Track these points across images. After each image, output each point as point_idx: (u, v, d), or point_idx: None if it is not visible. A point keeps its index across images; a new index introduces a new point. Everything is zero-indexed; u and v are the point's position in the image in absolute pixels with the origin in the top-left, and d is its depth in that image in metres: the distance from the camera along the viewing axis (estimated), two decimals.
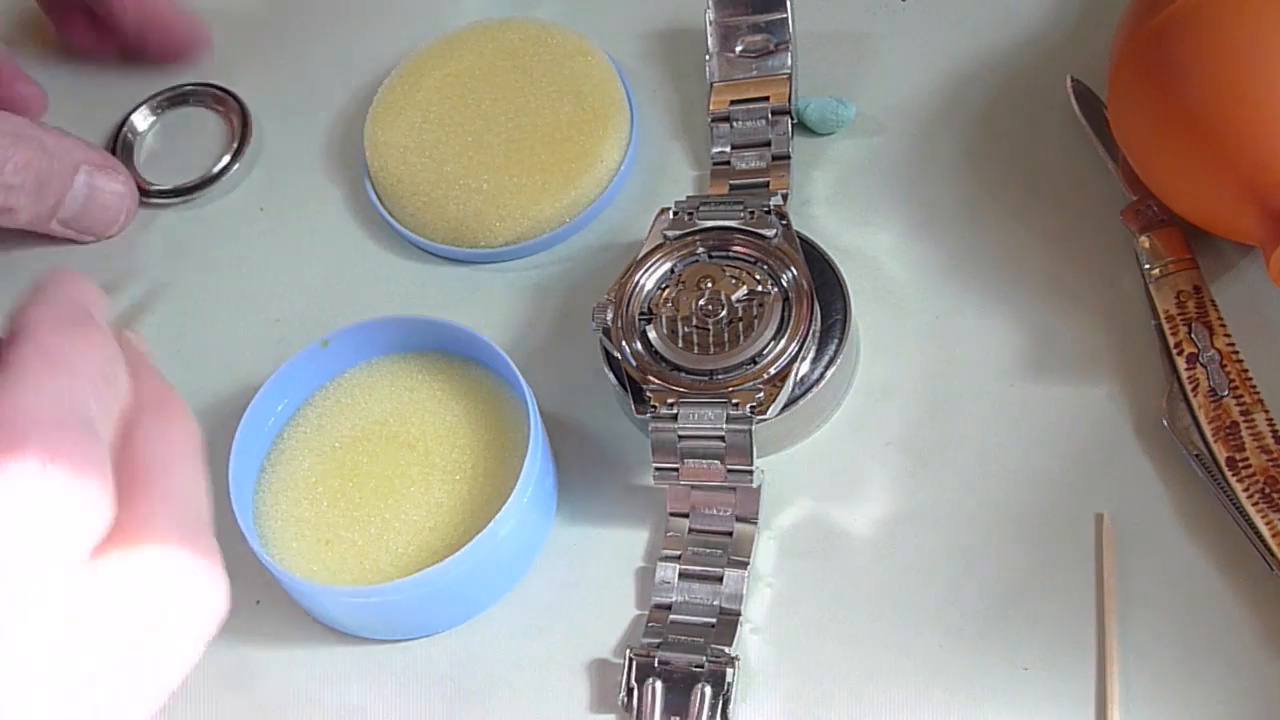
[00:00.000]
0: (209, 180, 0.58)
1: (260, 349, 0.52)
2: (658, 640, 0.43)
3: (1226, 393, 0.43)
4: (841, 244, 0.49)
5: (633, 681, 0.42)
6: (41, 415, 0.25)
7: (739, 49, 0.53)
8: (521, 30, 0.57)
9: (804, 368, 0.45)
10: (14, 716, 0.24)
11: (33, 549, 0.24)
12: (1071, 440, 0.45)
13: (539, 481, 0.45)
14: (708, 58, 0.53)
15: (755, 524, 0.45)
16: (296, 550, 0.45)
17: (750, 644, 0.44)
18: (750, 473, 0.43)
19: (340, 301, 0.54)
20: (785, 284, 0.45)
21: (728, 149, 0.52)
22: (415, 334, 0.49)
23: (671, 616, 0.44)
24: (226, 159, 0.58)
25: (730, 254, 0.47)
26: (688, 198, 0.49)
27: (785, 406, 0.44)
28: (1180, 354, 0.44)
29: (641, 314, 0.46)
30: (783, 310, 0.45)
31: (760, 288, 0.45)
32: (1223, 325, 0.44)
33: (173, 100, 0.59)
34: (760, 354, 0.44)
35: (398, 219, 0.54)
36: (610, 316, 0.46)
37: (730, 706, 0.42)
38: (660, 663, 0.42)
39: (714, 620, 0.43)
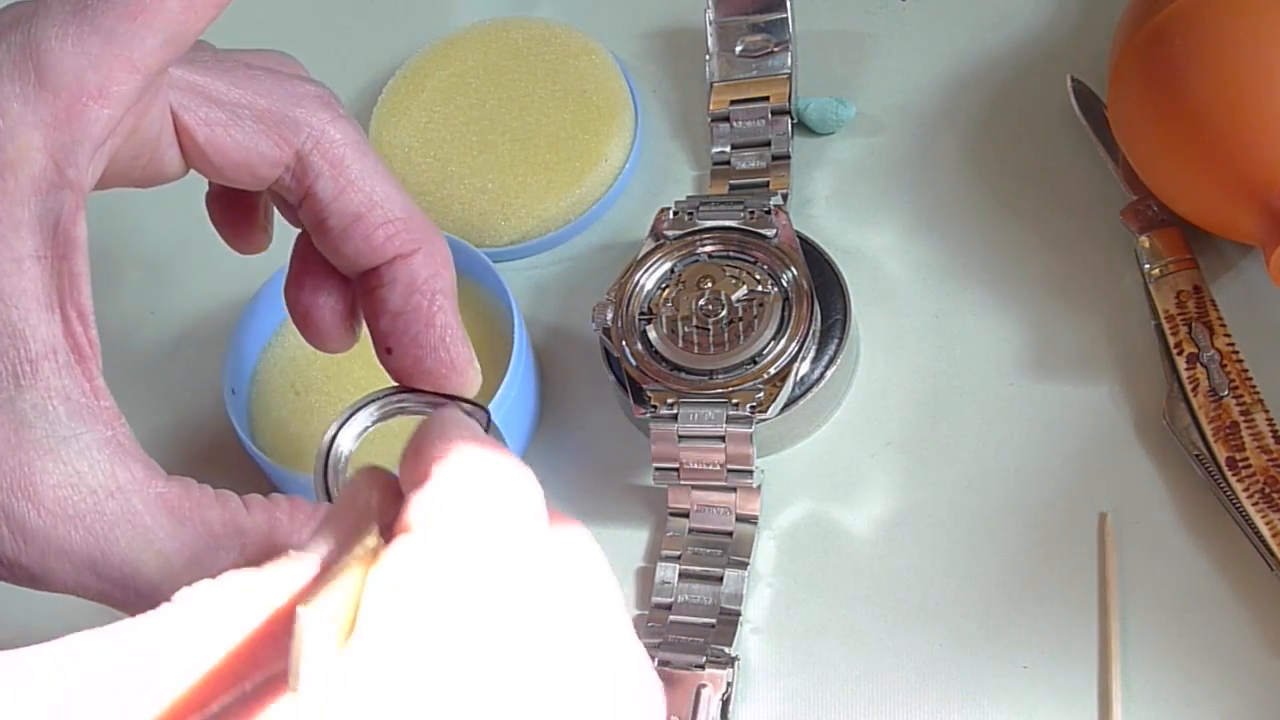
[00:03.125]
0: None
1: None
2: (658, 640, 0.43)
3: (1226, 393, 0.43)
4: (841, 244, 0.49)
5: None
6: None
7: (739, 49, 0.53)
8: (525, 30, 0.57)
9: (804, 368, 0.45)
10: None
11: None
12: (1071, 440, 0.45)
13: (522, 384, 0.47)
14: (708, 58, 0.53)
15: (755, 524, 0.45)
16: (289, 453, 0.48)
17: (750, 644, 0.44)
18: (750, 473, 0.43)
19: None
20: (785, 284, 0.45)
21: (728, 149, 0.52)
22: None
23: (671, 616, 0.44)
24: None
25: (730, 254, 0.47)
26: (688, 198, 0.49)
27: (785, 406, 0.44)
28: (1180, 354, 0.44)
29: (641, 314, 0.46)
30: (783, 310, 0.45)
31: (760, 288, 0.45)
32: (1223, 325, 0.44)
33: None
34: (760, 354, 0.44)
35: None
36: (610, 316, 0.46)
37: (730, 706, 0.42)
38: (660, 663, 0.42)
39: (714, 620, 0.43)
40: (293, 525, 0.30)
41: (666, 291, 0.46)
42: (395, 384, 0.35)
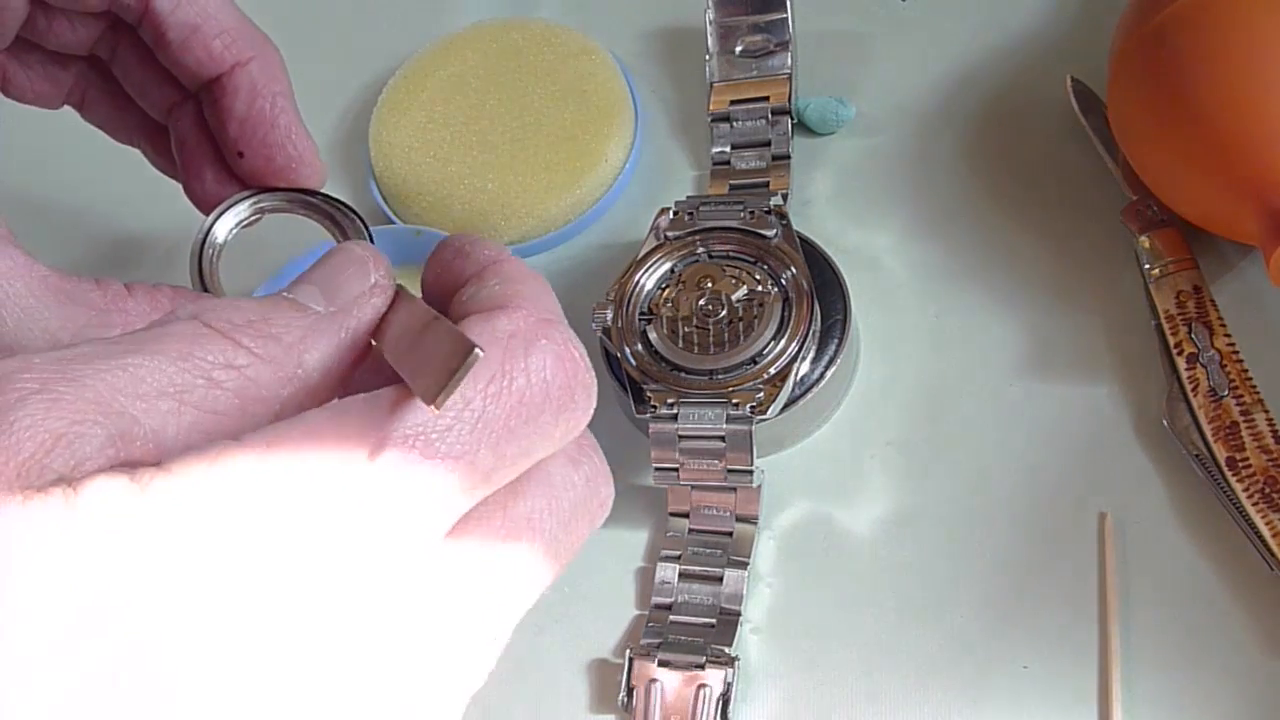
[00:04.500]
0: None
1: None
2: (658, 640, 0.43)
3: (1226, 393, 0.43)
4: (841, 244, 0.49)
5: (633, 681, 0.43)
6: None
7: (739, 49, 0.53)
8: (525, 30, 0.57)
9: (804, 368, 0.45)
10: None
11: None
12: (1071, 440, 0.45)
13: None
14: (708, 58, 0.53)
15: (755, 524, 0.45)
16: None
17: (750, 644, 0.44)
18: (750, 473, 0.43)
19: None
20: (785, 284, 0.45)
21: (728, 149, 0.52)
22: (400, 247, 0.51)
23: (671, 616, 0.44)
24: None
25: (730, 254, 0.47)
26: (688, 198, 0.49)
27: (785, 406, 0.44)
28: (1180, 354, 0.44)
29: (642, 314, 0.46)
30: (783, 310, 0.45)
31: (760, 288, 0.45)
32: (1223, 325, 0.44)
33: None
34: (760, 354, 0.44)
35: (403, 219, 0.55)
36: (610, 317, 0.46)
37: (730, 706, 0.42)
38: (660, 663, 0.42)
39: (714, 620, 0.43)
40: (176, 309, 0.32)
41: (666, 291, 0.46)
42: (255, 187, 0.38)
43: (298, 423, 0.22)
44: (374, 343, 0.26)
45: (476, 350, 0.22)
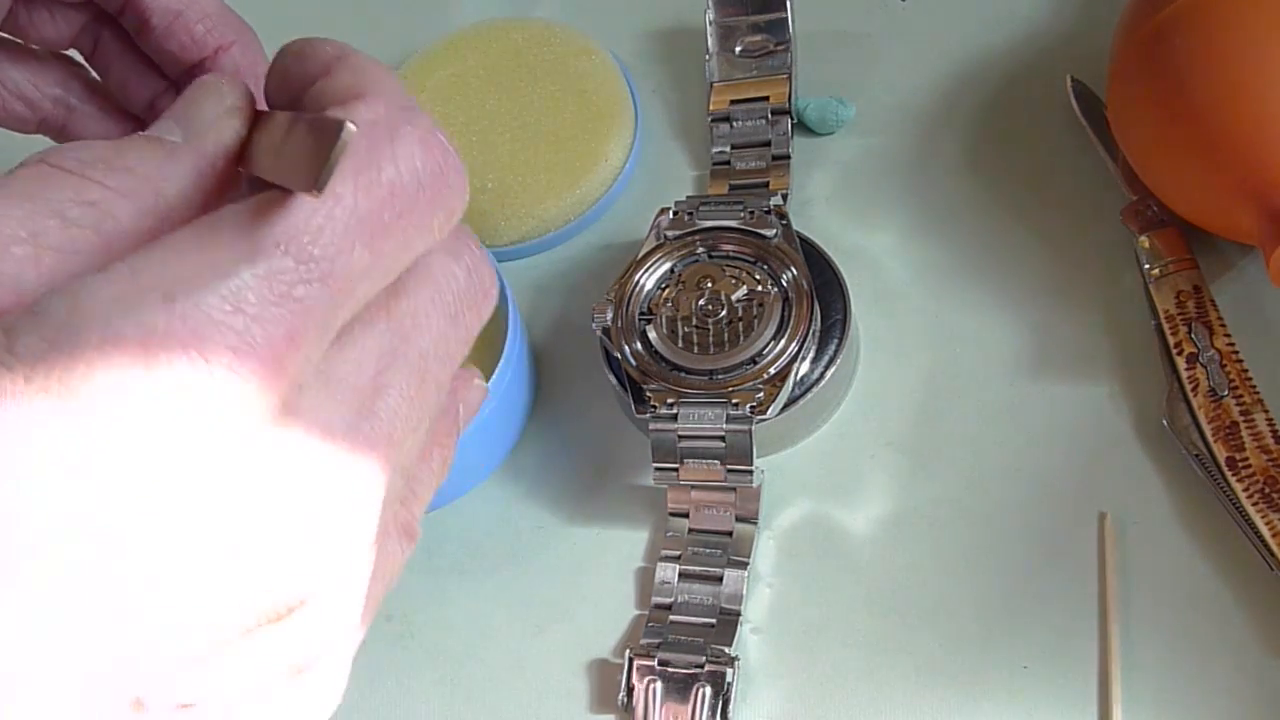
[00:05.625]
0: None
1: None
2: (658, 640, 0.43)
3: (1226, 393, 0.43)
4: (841, 244, 0.49)
5: (633, 681, 0.43)
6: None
7: (739, 49, 0.53)
8: (525, 30, 0.57)
9: (804, 368, 0.45)
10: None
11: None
12: (1071, 440, 0.45)
13: (515, 368, 0.46)
14: (708, 58, 0.53)
15: (755, 524, 0.45)
16: None
17: (750, 644, 0.44)
18: (750, 473, 0.43)
19: None
20: (785, 284, 0.45)
21: (728, 149, 0.52)
22: None
23: (671, 616, 0.44)
24: None
25: (730, 254, 0.47)
26: (688, 198, 0.49)
27: (785, 406, 0.44)
28: (1180, 354, 0.44)
29: (641, 314, 0.46)
30: (783, 310, 0.45)
31: (760, 288, 0.45)
32: (1223, 325, 0.44)
33: None
34: (760, 354, 0.44)
35: None
36: (610, 316, 0.46)
37: (730, 706, 0.42)
38: (660, 663, 0.42)
39: (714, 620, 0.43)
40: None
41: (666, 291, 0.46)
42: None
43: (163, 242, 0.21)
44: (241, 170, 0.25)
45: (348, 124, 0.21)
